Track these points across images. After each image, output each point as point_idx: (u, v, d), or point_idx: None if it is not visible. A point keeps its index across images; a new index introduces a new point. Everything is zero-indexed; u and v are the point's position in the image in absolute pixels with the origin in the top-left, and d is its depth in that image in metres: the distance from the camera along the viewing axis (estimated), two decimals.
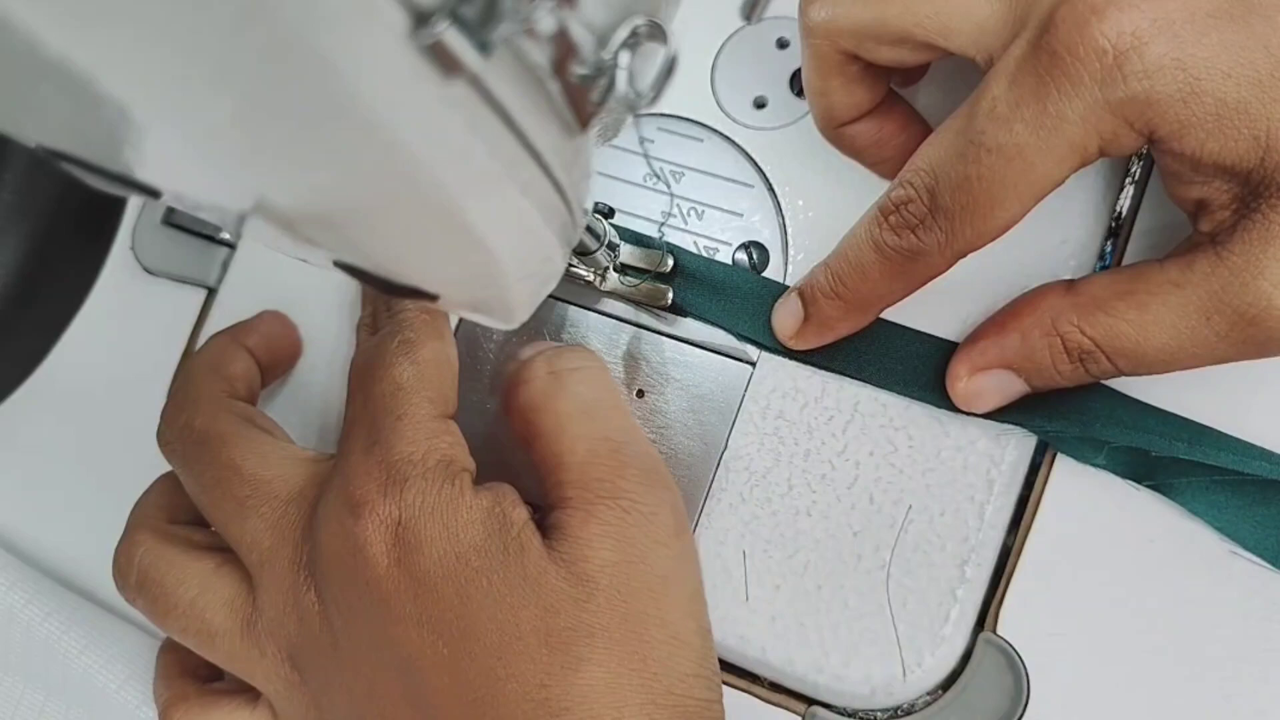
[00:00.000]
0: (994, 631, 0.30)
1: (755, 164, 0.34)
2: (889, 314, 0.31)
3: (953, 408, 0.30)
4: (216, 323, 0.39)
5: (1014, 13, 0.25)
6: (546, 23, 0.16)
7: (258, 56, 0.13)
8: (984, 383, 0.29)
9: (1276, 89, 0.23)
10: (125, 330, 0.40)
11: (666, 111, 0.35)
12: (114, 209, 0.40)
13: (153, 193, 0.19)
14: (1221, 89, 0.23)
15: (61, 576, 0.38)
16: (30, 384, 0.40)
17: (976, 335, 0.30)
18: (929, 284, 0.28)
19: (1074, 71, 0.23)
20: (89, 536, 0.39)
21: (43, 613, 0.35)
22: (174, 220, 0.40)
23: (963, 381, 0.30)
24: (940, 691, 0.30)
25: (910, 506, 0.31)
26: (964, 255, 0.27)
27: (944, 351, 0.31)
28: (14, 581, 0.36)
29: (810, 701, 0.31)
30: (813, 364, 0.32)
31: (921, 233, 0.27)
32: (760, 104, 0.35)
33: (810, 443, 0.32)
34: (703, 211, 0.34)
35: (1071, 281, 0.28)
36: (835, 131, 0.31)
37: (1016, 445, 0.31)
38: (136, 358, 0.40)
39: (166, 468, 0.39)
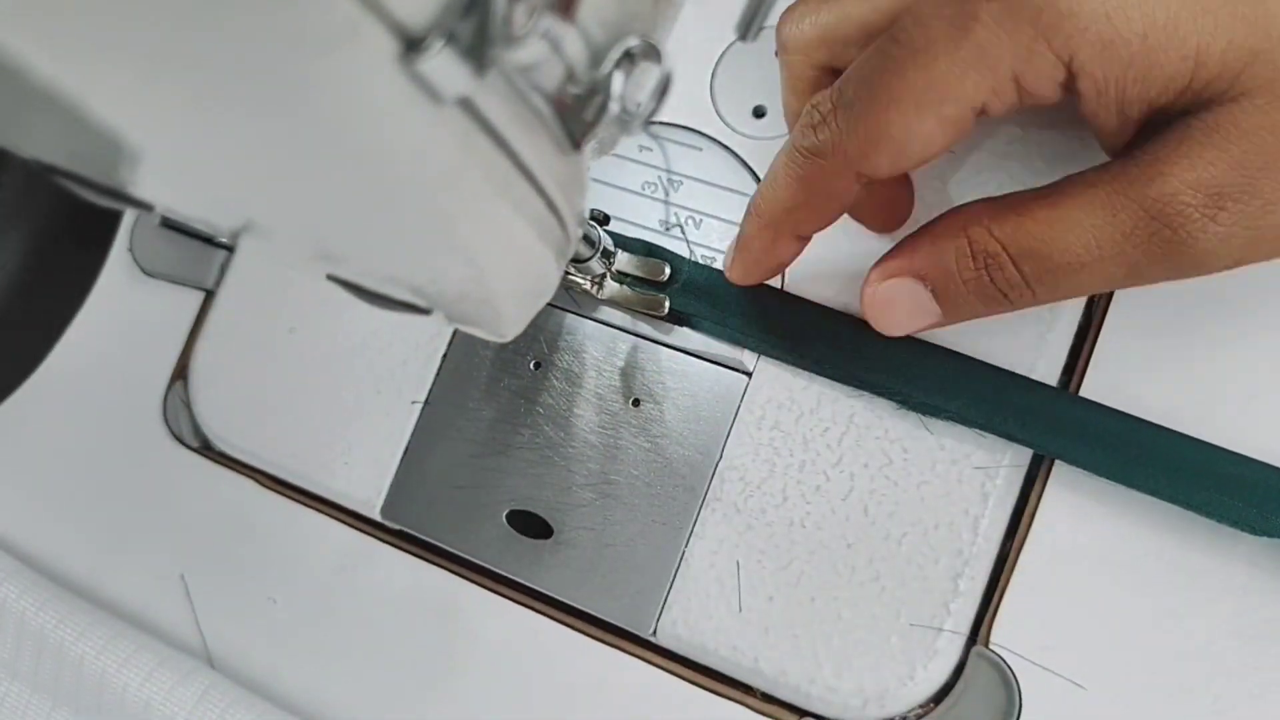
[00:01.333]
0: (987, 645, 0.30)
1: (754, 173, 0.34)
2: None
3: (975, 421, 0.30)
4: (215, 325, 0.39)
5: None
6: (539, 44, 0.16)
7: (249, 82, 0.13)
8: (893, 290, 0.28)
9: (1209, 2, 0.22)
10: (124, 332, 0.40)
11: (666, 120, 0.35)
12: (112, 211, 0.40)
13: (146, 207, 0.19)
14: (1149, 8, 0.22)
15: (62, 577, 0.38)
16: (30, 384, 0.41)
17: (894, 246, 0.28)
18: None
19: None
20: (89, 537, 0.39)
21: (56, 619, 0.35)
22: (172, 222, 0.40)
23: (871, 287, 0.28)
24: (933, 704, 0.30)
25: (904, 519, 0.31)
26: (861, 171, 0.25)
27: (958, 363, 0.31)
28: (25, 588, 0.36)
29: (803, 713, 0.31)
30: (807, 370, 0.32)
31: (820, 130, 0.25)
32: (759, 113, 0.35)
33: (805, 454, 0.32)
34: (700, 220, 0.34)
35: (996, 197, 0.27)
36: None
37: (1011, 459, 0.31)
38: (135, 359, 0.40)
39: (162, 469, 0.39)
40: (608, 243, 0.32)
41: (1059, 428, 0.29)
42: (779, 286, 0.33)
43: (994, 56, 0.23)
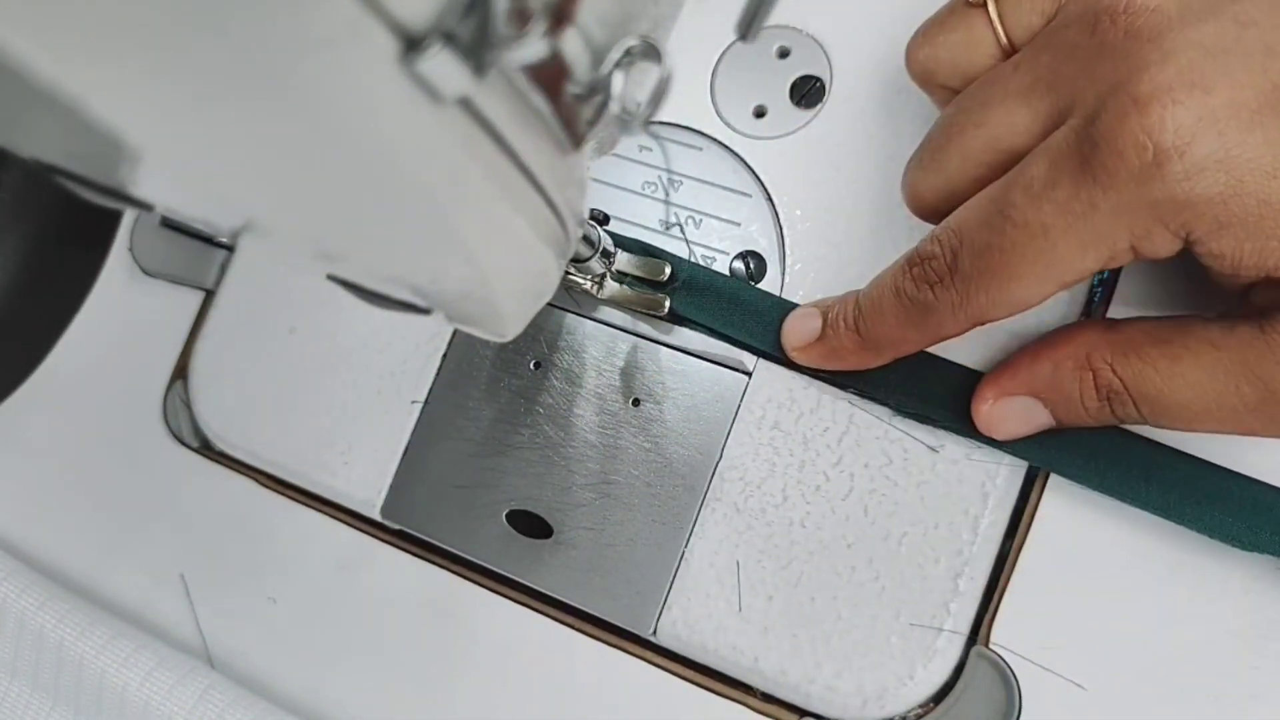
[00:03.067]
0: (986, 644, 0.30)
1: (754, 173, 0.34)
2: None
3: (973, 433, 0.30)
4: (215, 325, 0.39)
5: (1058, 102, 0.25)
6: (539, 45, 0.16)
7: (249, 82, 0.13)
8: (1010, 408, 0.29)
9: None
10: (124, 331, 0.40)
11: (666, 120, 0.35)
12: (113, 211, 0.40)
13: (146, 206, 0.19)
14: (1266, 189, 0.22)
15: (62, 577, 0.38)
16: (30, 384, 0.41)
17: (1009, 362, 0.29)
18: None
19: (1112, 165, 0.23)
20: (89, 536, 0.39)
21: (55, 618, 0.35)
22: (172, 222, 0.40)
23: (988, 404, 0.29)
24: (932, 704, 0.30)
25: (904, 519, 0.31)
26: (979, 323, 0.27)
27: (961, 376, 0.31)
28: (25, 587, 0.36)
29: (803, 713, 0.31)
30: (821, 378, 0.32)
31: (939, 290, 0.27)
32: (760, 113, 0.35)
33: (805, 454, 0.32)
34: (700, 220, 0.34)
35: (1113, 321, 0.28)
36: None
37: (1011, 459, 0.31)
38: (135, 359, 0.40)
39: (162, 469, 0.39)
40: (608, 243, 0.32)
41: (1050, 441, 0.30)
42: (778, 293, 0.33)
43: (1112, 241, 0.24)
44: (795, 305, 0.32)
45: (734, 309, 0.33)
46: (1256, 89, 0.22)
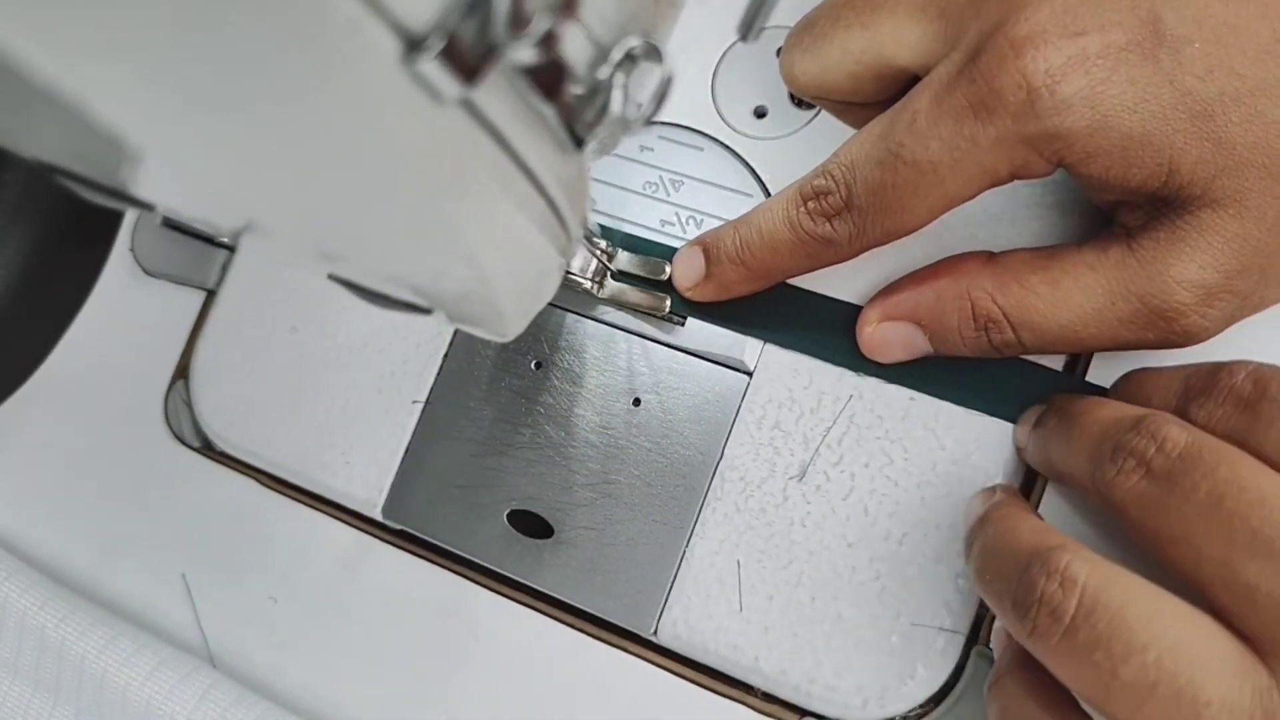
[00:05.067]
0: (987, 645, 0.30)
1: (755, 173, 0.34)
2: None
3: (856, 360, 0.31)
4: (216, 325, 0.39)
5: (946, 29, 0.27)
6: (541, 45, 0.16)
7: (250, 82, 0.13)
8: (891, 332, 0.30)
9: (1178, 120, 0.24)
10: (125, 331, 0.40)
11: (667, 120, 0.35)
12: (114, 211, 0.40)
13: (147, 206, 0.19)
14: (1127, 123, 0.24)
15: (63, 577, 0.38)
16: (30, 384, 0.41)
17: (893, 287, 0.31)
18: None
19: (991, 102, 0.25)
20: (90, 536, 0.39)
21: (56, 618, 0.35)
22: (174, 222, 0.40)
23: (870, 327, 0.31)
24: (933, 704, 0.30)
25: (905, 519, 0.31)
26: (869, 249, 0.29)
27: (853, 314, 0.32)
28: (26, 586, 0.36)
29: (803, 712, 0.31)
30: (812, 354, 0.33)
31: (836, 223, 0.28)
32: (760, 114, 0.35)
33: (806, 454, 0.32)
34: (702, 220, 0.34)
35: (993, 254, 0.29)
36: None
37: (1012, 459, 0.31)
38: (136, 359, 0.40)
39: (163, 469, 0.39)
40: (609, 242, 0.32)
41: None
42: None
43: (994, 171, 0.26)
44: (793, 290, 0.33)
45: (735, 305, 0.33)
46: (1125, 29, 0.24)
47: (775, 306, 0.33)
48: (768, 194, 0.34)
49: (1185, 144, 0.24)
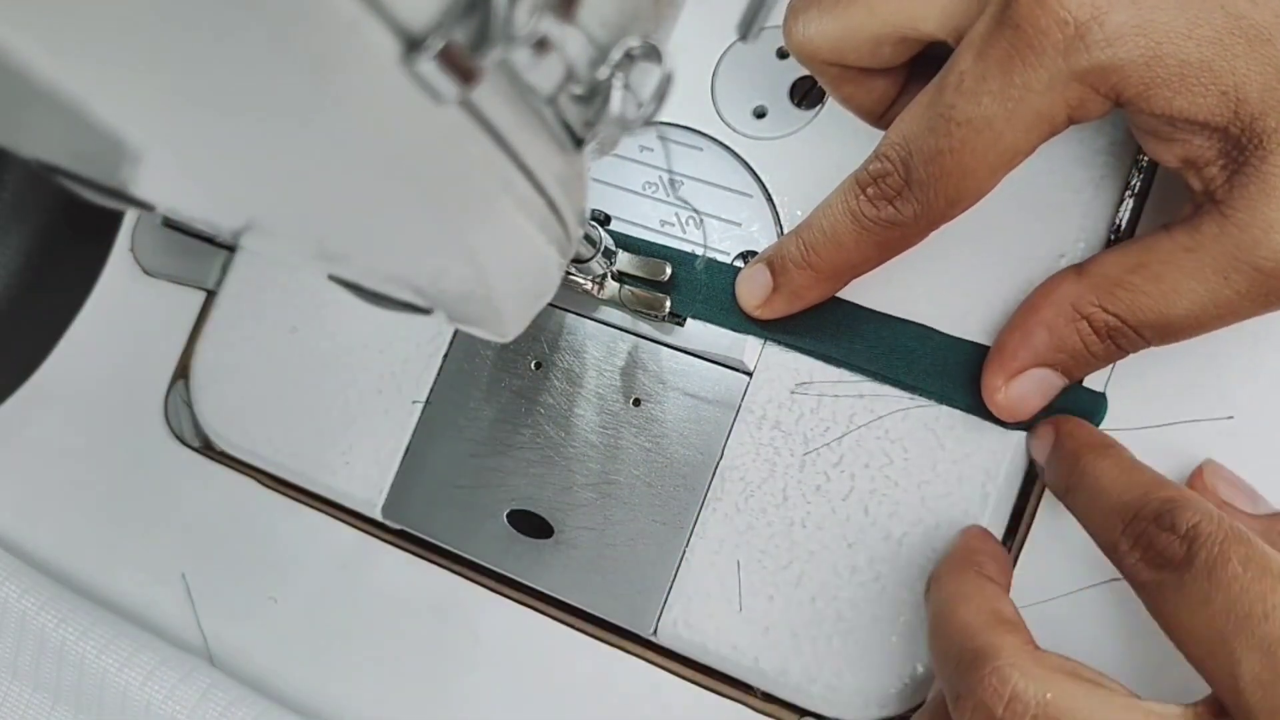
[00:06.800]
0: None
1: (754, 173, 0.34)
2: (904, 313, 0.32)
3: (856, 360, 0.31)
4: (216, 325, 0.39)
5: None
6: (540, 45, 0.16)
7: (250, 83, 0.14)
8: (1023, 386, 0.29)
9: (1236, 45, 0.23)
10: (125, 331, 0.40)
11: (667, 120, 0.35)
12: (114, 211, 0.40)
13: (147, 207, 0.19)
14: (1183, 49, 0.23)
15: (63, 577, 0.38)
16: (30, 384, 0.41)
17: (1002, 342, 0.29)
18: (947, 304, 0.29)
19: (1037, 43, 0.24)
20: (91, 536, 0.39)
21: (57, 618, 0.35)
22: (174, 222, 0.40)
23: (1001, 392, 0.29)
24: None
25: (905, 519, 0.31)
26: (938, 225, 0.28)
27: (970, 353, 0.31)
28: (27, 588, 0.36)
29: (803, 712, 0.31)
30: (836, 363, 0.32)
31: (899, 204, 0.27)
32: (760, 114, 0.35)
33: (805, 454, 0.32)
34: (701, 220, 0.34)
35: (1078, 265, 0.28)
36: (883, 121, 0.31)
37: (1012, 459, 0.31)
38: (136, 359, 0.40)
39: (163, 469, 0.39)
40: (608, 242, 0.32)
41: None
42: None
43: (1051, 117, 0.25)
44: None
45: (735, 308, 0.33)
46: None
47: None
48: (767, 194, 0.34)
49: (1248, 70, 0.23)
